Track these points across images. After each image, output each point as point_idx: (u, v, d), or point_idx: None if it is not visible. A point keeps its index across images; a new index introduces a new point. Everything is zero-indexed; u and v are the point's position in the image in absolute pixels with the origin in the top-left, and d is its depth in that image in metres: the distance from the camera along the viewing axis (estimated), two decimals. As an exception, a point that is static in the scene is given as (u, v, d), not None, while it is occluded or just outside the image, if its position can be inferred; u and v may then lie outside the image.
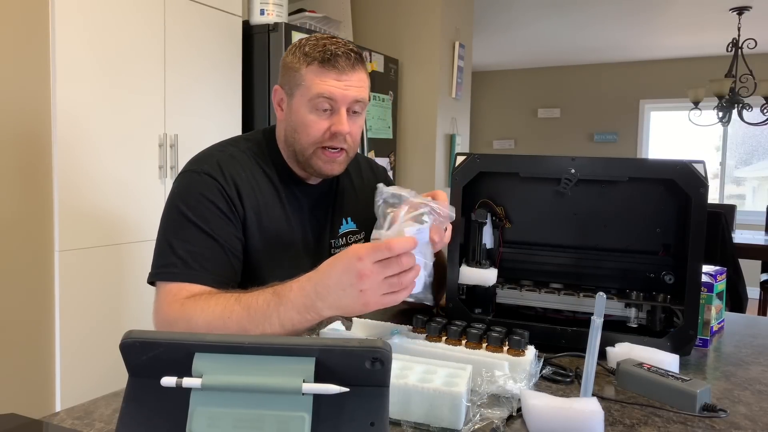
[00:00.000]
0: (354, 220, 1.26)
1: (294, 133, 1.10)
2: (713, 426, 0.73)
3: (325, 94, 1.05)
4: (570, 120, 6.63)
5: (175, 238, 1.02)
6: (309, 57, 1.06)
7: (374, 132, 3.22)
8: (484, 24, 4.82)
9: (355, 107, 1.09)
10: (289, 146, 1.13)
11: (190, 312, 0.93)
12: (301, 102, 1.07)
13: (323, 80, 1.05)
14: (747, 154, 6.03)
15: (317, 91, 1.05)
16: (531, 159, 1.03)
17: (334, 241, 1.22)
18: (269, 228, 1.10)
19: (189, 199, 1.04)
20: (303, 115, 1.07)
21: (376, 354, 0.48)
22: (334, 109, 1.07)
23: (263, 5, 2.60)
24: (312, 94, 1.05)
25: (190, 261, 0.99)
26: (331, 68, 1.05)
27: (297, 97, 1.08)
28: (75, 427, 0.69)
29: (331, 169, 1.12)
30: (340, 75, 1.05)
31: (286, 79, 1.11)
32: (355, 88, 1.07)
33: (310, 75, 1.06)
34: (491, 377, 0.77)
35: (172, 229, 1.03)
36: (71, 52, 1.83)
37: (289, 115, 1.11)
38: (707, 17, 4.51)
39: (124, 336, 0.49)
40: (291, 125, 1.10)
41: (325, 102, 1.06)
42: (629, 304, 1.04)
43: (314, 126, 1.07)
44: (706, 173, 0.93)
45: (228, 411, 0.48)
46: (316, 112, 1.07)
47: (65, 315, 1.83)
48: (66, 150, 1.83)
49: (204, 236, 1.01)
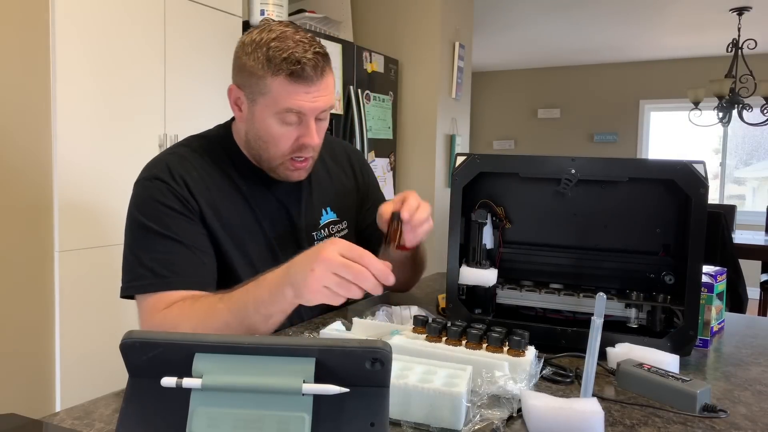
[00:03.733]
0: (333, 209, 1.23)
1: (259, 141, 1.06)
2: (713, 426, 0.73)
3: (294, 109, 1.00)
4: (570, 120, 6.63)
5: (139, 249, 1.01)
6: (274, 66, 0.98)
7: (374, 132, 3.22)
8: (484, 24, 4.82)
9: (321, 115, 1.06)
10: (252, 149, 1.10)
11: (174, 320, 0.93)
12: (266, 113, 1.02)
13: (291, 94, 1.00)
14: (747, 154, 6.04)
15: (286, 106, 1.00)
16: (531, 159, 1.03)
17: (316, 233, 1.19)
18: (231, 222, 1.08)
19: (145, 208, 1.04)
20: (269, 126, 1.03)
21: (376, 354, 0.48)
22: (302, 121, 1.03)
23: (263, 5, 2.61)
24: (279, 108, 1.01)
25: (159, 269, 0.99)
26: (299, 81, 0.99)
27: (261, 106, 1.03)
28: (75, 427, 0.69)
29: (297, 176, 1.11)
30: (308, 87, 1.00)
31: (245, 81, 1.03)
32: (324, 98, 1.03)
33: (276, 87, 0.99)
34: (491, 378, 0.77)
35: (135, 240, 1.03)
36: (71, 52, 1.83)
37: (251, 121, 1.06)
38: (707, 17, 4.51)
39: (124, 336, 0.49)
40: (255, 133, 1.06)
41: (293, 116, 1.02)
42: (629, 304, 1.04)
43: (282, 139, 1.04)
44: (706, 173, 0.93)
45: (228, 411, 0.48)
46: (284, 125, 1.03)
47: (65, 315, 1.83)
48: (66, 150, 1.83)
49: (168, 241, 1.00)
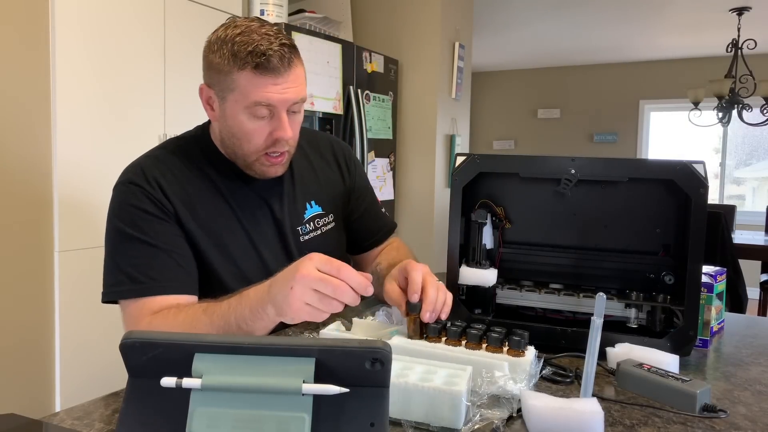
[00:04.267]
0: (318, 202, 1.21)
1: (233, 138, 1.05)
2: (713, 426, 0.73)
3: (263, 102, 0.98)
4: (570, 120, 6.63)
5: (117, 254, 1.02)
6: (239, 60, 0.97)
7: (374, 132, 3.22)
8: (484, 24, 4.82)
9: (294, 107, 1.04)
10: (227, 147, 1.08)
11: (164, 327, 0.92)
12: (236, 109, 1.01)
13: (258, 87, 0.97)
14: (747, 154, 6.04)
15: (254, 99, 0.98)
16: (531, 159, 1.03)
17: (301, 228, 1.17)
18: (208, 220, 1.06)
19: (121, 213, 1.04)
20: (241, 123, 1.01)
21: (376, 354, 0.48)
22: (274, 114, 1.01)
23: (263, 6, 2.60)
24: (248, 102, 0.99)
25: (136, 274, 0.98)
26: (266, 73, 0.97)
27: (230, 102, 1.01)
28: (75, 427, 0.69)
29: (274, 172, 1.08)
30: (276, 79, 0.98)
31: (214, 79, 1.03)
32: (293, 89, 1.00)
33: (243, 81, 0.98)
34: (491, 378, 0.77)
35: (113, 246, 1.04)
36: (71, 52, 1.83)
37: (223, 119, 1.04)
38: (707, 17, 4.51)
39: (124, 336, 0.49)
40: (228, 130, 1.05)
41: (263, 109, 0.99)
42: (629, 304, 1.04)
43: (255, 134, 1.02)
44: (706, 174, 0.93)
45: (228, 411, 0.48)
46: (255, 119, 1.01)
47: (65, 315, 1.83)
48: (66, 150, 1.83)
49: (144, 246, 1.00)
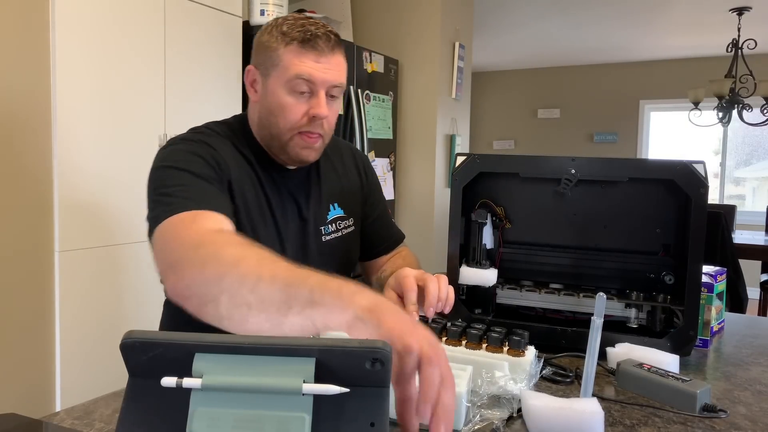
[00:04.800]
0: (341, 205, 1.22)
1: (270, 115, 1.06)
2: (713, 426, 0.73)
3: (303, 75, 1.01)
4: (570, 120, 6.63)
5: (166, 187, 0.95)
6: (287, 37, 1.02)
7: (374, 132, 3.22)
8: (484, 24, 4.82)
9: (333, 91, 1.06)
10: (263, 129, 1.09)
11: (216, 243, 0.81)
12: (277, 83, 1.03)
13: (302, 61, 1.01)
14: (747, 154, 6.04)
15: (296, 72, 1.01)
16: (531, 159, 1.03)
17: (324, 228, 1.18)
18: (248, 206, 1.06)
19: (171, 156, 1.00)
20: (280, 97, 1.03)
21: (376, 354, 0.48)
22: (313, 91, 1.03)
23: (263, 5, 2.61)
24: (290, 75, 1.01)
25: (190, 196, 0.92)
26: (310, 49, 1.01)
27: (273, 78, 1.04)
28: (75, 427, 0.69)
29: (307, 155, 1.08)
30: (319, 57, 1.02)
31: (261, 58, 1.06)
32: (334, 71, 1.04)
33: (288, 55, 1.01)
34: (491, 378, 0.77)
35: (160, 182, 0.97)
36: (71, 52, 1.83)
37: (264, 97, 1.06)
38: (707, 17, 4.51)
39: (124, 336, 0.48)
40: (266, 107, 1.06)
41: (303, 84, 1.02)
42: (629, 304, 1.04)
43: (292, 109, 1.03)
44: (706, 173, 0.93)
45: (228, 411, 0.48)
46: (294, 94, 1.03)
47: (65, 315, 1.83)
48: (66, 150, 1.83)
49: (196, 179, 0.96)
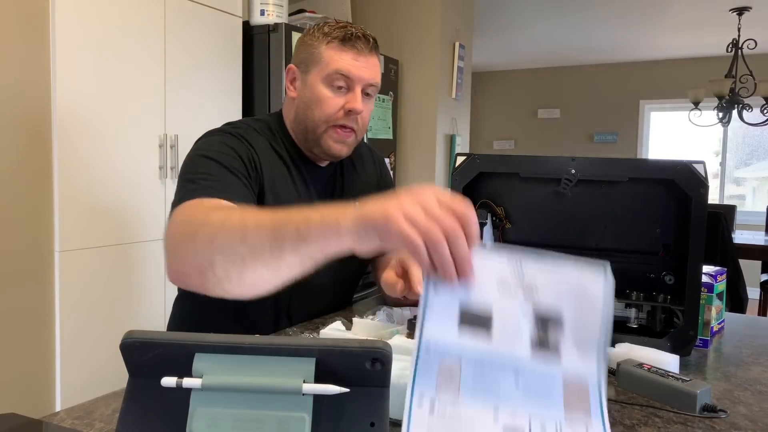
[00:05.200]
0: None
1: (307, 109, 1.11)
2: (713, 426, 0.73)
3: (342, 71, 1.08)
4: (570, 120, 6.63)
5: (195, 173, 0.98)
6: (329, 36, 1.09)
7: (374, 132, 3.22)
8: (484, 24, 4.82)
9: (369, 90, 1.12)
10: (299, 124, 1.13)
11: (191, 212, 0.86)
12: (317, 78, 1.10)
13: (341, 57, 1.08)
14: (747, 154, 6.03)
15: (335, 67, 1.08)
16: (531, 159, 1.03)
17: None
18: (279, 201, 1.08)
19: (206, 146, 1.04)
20: (318, 91, 1.09)
21: (376, 354, 0.48)
22: (350, 87, 1.09)
23: (263, 6, 2.60)
24: (330, 70, 1.08)
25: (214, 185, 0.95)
26: (350, 47, 1.09)
27: (313, 74, 1.10)
28: (75, 427, 0.69)
29: (339, 150, 1.13)
30: (357, 55, 1.09)
31: (302, 57, 1.13)
32: (371, 70, 1.11)
33: (329, 52, 1.09)
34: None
35: (191, 169, 1.00)
36: (71, 52, 1.83)
37: (302, 92, 1.12)
38: (707, 17, 4.51)
39: (124, 336, 0.48)
40: (304, 101, 1.11)
41: (341, 79, 1.08)
42: (629, 304, 1.04)
43: (329, 102, 1.09)
44: (706, 173, 0.93)
45: (228, 411, 0.48)
46: (332, 88, 1.09)
47: (65, 315, 1.83)
48: (66, 150, 1.83)
49: (225, 171, 0.99)
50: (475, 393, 0.56)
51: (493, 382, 0.56)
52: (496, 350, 0.57)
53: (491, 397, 0.56)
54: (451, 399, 0.55)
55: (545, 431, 0.54)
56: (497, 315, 0.58)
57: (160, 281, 2.12)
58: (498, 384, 0.56)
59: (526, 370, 0.57)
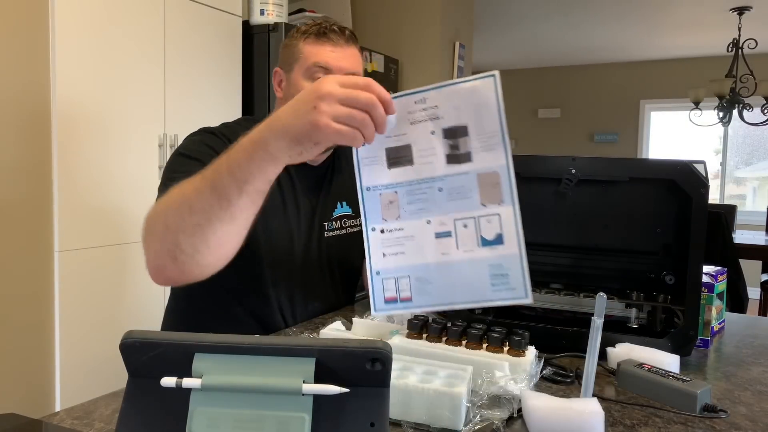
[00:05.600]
0: (350, 204, 1.25)
1: None
2: (714, 426, 0.72)
3: (321, 63, 1.10)
4: (570, 120, 6.63)
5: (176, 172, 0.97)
6: (306, 33, 1.13)
7: (374, 132, 3.22)
8: (484, 24, 4.82)
9: None
10: None
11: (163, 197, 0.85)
12: (298, 74, 1.13)
13: (319, 51, 1.11)
14: (747, 154, 6.03)
15: (314, 60, 1.11)
16: (531, 159, 1.03)
17: (327, 224, 1.21)
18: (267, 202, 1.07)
19: (191, 146, 1.07)
20: (300, 86, 1.11)
21: (376, 354, 0.48)
22: None
23: (263, 5, 2.60)
24: (308, 64, 1.11)
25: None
26: (326, 40, 1.12)
27: (295, 71, 1.13)
28: (75, 427, 0.69)
29: None
30: (334, 47, 1.12)
31: (284, 58, 1.17)
32: (350, 60, 1.13)
33: (307, 48, 1.12)
34: (491, 378, 0.77)
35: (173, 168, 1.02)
36: (71, 52, 1.83)
37: (287, 91, 1.16)
38: (707, 17, 4.51)
39: (124, 336, 0.48)
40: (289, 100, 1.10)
41: (320, 71, 1.10)
42: (629, 304, 1.04)
43: None
44: (706, 173, 0.93)
45: (228, 411, 0.48)
46: (312, 81, 1.09)
47: (65, 315, 1.83)
48: (66, 150, 1.83)
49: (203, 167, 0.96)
50: (411, 213, 0.71)
51: (423, 200, 0.70)
52: (420, 174, 0.70)
53: (423, 213, 0.71)
54: (395, 222, 0.73)
55: (467, 228, 0.70)
56: (414, 145, 0.71)
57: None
58: (427, 201, 0.71)
59: (446, 181, 0.70)
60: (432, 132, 0.70)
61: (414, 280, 0.72)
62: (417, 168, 0.72)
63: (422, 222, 0.72)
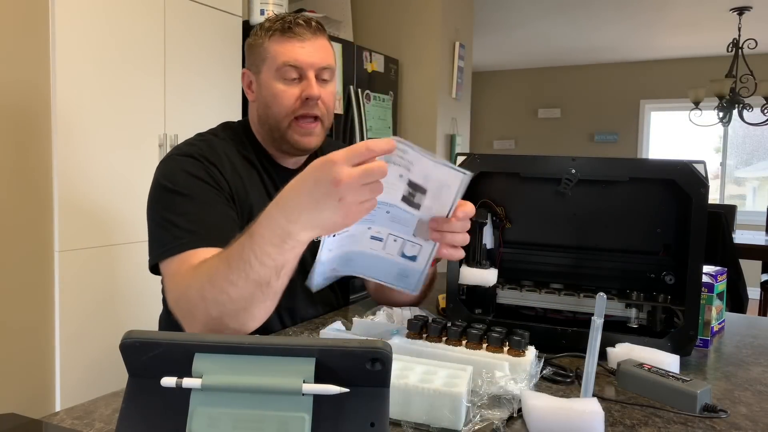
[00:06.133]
0: None
1: (266, 108, 1.09)
2: (714, 426, 0.72)
3: (290, 61, 1.06)
4: (570, 120, 6.63)
5: (172, 214, 0.98)
6: (270, 30, 1.08)
7: (374, 132, 3.22)
8: (484, 24, 4.82)
9: (323, 74, 1.09)
10: (263, 125, 1.12)
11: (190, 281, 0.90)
12: (268, 75, 1.08)
13: (286, 48, 1.06)
14: (747, 154, 6.03)
15: (283, 59, 1.06)
16: (531, 159, 1.03)
17: None
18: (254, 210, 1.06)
19: (175, 178, 1.02)
20: (272, 87, 1.08)
21: (376, 354, 0.48)
22: (302, 75, 1.07)
23: (263, 5, 2.61)
24: (278, 64, 1.06)
25: (195, 228, 0.96)
26: (292, 36, 1.07)
27: (264, 73, 1.09)
28: (75, 427, 0.69)
29: (308, 142, 1.10)
30: (302, 42, 1.07)
31: (250, 59, 1.12)
32: (320, 53, 1.08)
33: (273, 46, 1.07)
34: (491, 378, 0.77)
35: (165, 208, 1.00)
36: (71, 52, 1.83)
37: (259, 93, 1.11)
38: (707, 17, 4.51)
39: (124, 336, 0.48)
40: (262, 102, 1.10)
41: (292, 70, 1.06)
42: (629, 304, 1.04)
43: (284, 95, 1.07)
44: (706, 173, 0.93)
45: (228, 411, 0.48)
46: (285, 81, 1.07)
47: (65, 315, 1.83)
48: (66, 150, 1.83)
49: (201, 205, 0.99)
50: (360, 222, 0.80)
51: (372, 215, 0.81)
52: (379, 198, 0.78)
53: (368, 222, 0.84)
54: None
55: (396, 242, 0.87)
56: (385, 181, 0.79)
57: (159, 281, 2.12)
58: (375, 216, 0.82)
59: (394, 209, 0.83)
60: (400, 176, 0.79)
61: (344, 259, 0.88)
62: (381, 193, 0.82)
63: (364, 227, 0.85)
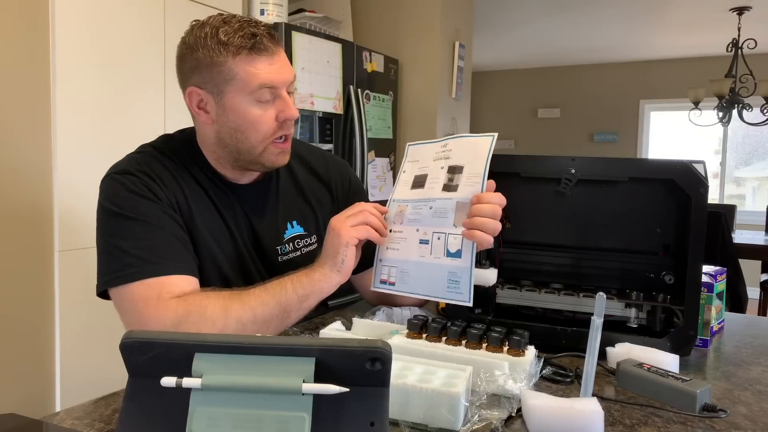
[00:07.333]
0: (301, 223, 1.15)
1: (236, 133, 1.00)
2: (713, 426, 0.73)
3: (266, 83, 0.97)
4: (570, 120, 6.63)
5: (120, 239, 0.95)
6: (232, 47, 0.96)
7: (374, 132, 3.22)
8: (484, 24, 4.82)
9: (290, 88, 1.03)
10: (224, 148, 1.03)
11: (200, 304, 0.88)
12: (238, 98, 0.98)
13: (258, 68, 0.97)
14: (747, 154, 6.03)
15: (258, 82, 0.97)
16: (531, 159, 1.03)
17: (280, 248, 1.12)
18: (201, 226, 1.02)
19: (118, 200, 0.98)
20: (247, 113, 0.98)
21: (376, 354, 0.48)
22: (275, 95, 0.99)
23: (263, 5, 2.61)
24: (253, 87, 0.97)
25: (147, 256, 0.92)
26: (261, 53, 0.97)
27: (231, 94, 0.98)
28: (75, 427, 0.69)
29: (284, 160, 1.05)
30: (272, 58, 0.98)
31: (205, 77, 0.99)
32: (287, 67, 1.01)
33: (242, 66, 0.96)
34: (491, 377, 0.77)
35: (112, 232, 0.97)
36: (71, 52, 1.83)
37: (223, 117, 1.00)
38: (707, 17, 4.51)
39: (124, 336, 0.49)
40: (230, 126, 1.00)
41: (266, 92, 0.98)
42: (629, 304, 1.04)
43: (262, 120, 0.99)
44: (706, 173, 0.93)
45: (228, 411, 0.48)
46: (260, 104, 0.98)
47: (65, 315, 1.83)
48: (66, 150, 1.83)
49: (150, 228, 0.94)
50: (409, 222, 0.99)
51: (418, 214, 0.98)
52: (425, 195, 0.99)
53: (415, 223, 0.98)
54: (399, 226, 1.00)
55: (439, 240, 0.95)
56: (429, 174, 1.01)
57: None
58: (420, 215, 0.98)
59: (436, 203, 0.97)
60: (442, 167, 0.97)
61: (399, 271, 0.98)
62: (424, 191, 0.99)
63: (414, 229, 0.98)
